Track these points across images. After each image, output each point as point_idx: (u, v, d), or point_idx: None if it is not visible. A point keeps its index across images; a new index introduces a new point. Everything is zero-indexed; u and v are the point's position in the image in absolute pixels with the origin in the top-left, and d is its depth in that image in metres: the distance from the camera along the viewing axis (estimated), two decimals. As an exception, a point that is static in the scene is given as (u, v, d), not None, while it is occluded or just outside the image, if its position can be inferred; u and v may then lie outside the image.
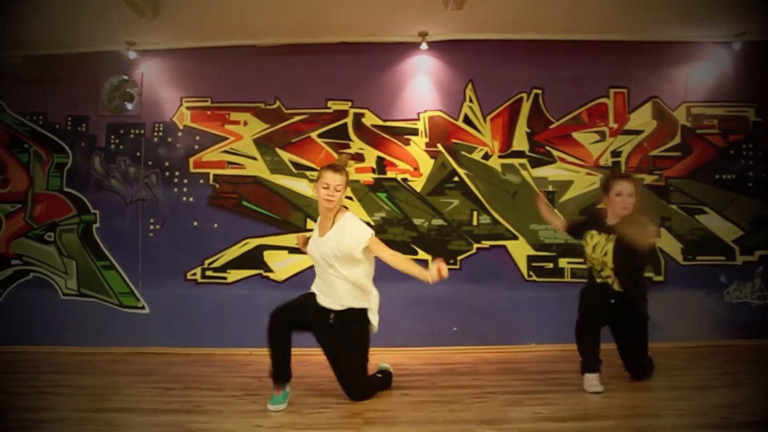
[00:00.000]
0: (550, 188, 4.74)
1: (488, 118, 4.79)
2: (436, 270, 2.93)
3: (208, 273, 4.73)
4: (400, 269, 3.13)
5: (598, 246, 3.52)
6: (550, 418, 2.90)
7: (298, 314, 3.24)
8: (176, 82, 4.85)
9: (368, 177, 4.75)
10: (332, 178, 3.19)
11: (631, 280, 3.42)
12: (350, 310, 3.24)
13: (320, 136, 4.77)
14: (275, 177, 4.78)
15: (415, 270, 3.06)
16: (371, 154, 4.76)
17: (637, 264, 3.43)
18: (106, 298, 4.74)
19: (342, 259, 3.20)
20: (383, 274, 3.38)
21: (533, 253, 4.69)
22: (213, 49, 4.78)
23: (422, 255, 4.70)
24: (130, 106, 4.83)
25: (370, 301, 3.30)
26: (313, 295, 3.32)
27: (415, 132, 4.78)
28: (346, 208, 3.43)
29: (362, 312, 3.26)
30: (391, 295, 3.56)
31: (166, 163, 4.80)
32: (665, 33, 4.69)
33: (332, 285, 3.24)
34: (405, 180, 4.76)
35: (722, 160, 4.77)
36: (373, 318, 3.31)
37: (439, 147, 4.77)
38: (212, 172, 4.79)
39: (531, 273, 4.71)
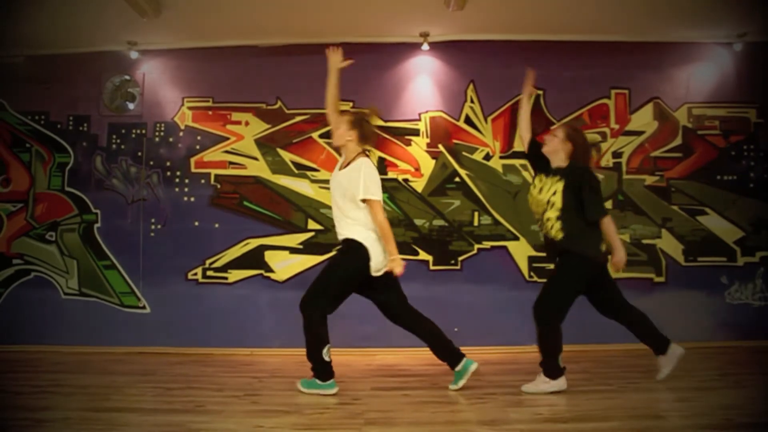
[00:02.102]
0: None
1: (489, 118, 4.79)
2: (395, 267, 3.33)
3: (209, 273, 4.73)
4: (381, 235, 3.36)
5: (546, 186, 3.43)
6: (551, 419, 2.89)
7: None
8: (178, 82, 4.85)
9: (369, 177, 4.75)
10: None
11: (577, 220, 3.31)
12: (346, 240, 3.42)
13: (321, 136, 4.77)
14: (276, 177, 4.78)
15: (390, 249, 3.34)
16: (372, 155, 4.75)
17: (587, 202, 3.30)
18: (107, 298, 4.74)
19: (349, 199, 3.37)
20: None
21: (534, 254, 4.69)
22: (215, 49, 4.78)
23: (423, 255, 4.70)
24: (131, 106, 4.83)
25: (371, 243, 3.36)
26: None
27: (416, 132, 4.78)
28: (367, 154, 3.50)
29: (356, 243, 3.35)
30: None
31: (168, 163, 4.81)
32: (666, 34, 4.69)
33: (338, 219, 3.47)
34: (406, 180, 4.76)
35: (723, 161, 4.77)
36: (375, 257, 3.35)
37: (441, 147, 4.77)
38: (213, 172, 4.80)
39: (532, 274, 4.71)
